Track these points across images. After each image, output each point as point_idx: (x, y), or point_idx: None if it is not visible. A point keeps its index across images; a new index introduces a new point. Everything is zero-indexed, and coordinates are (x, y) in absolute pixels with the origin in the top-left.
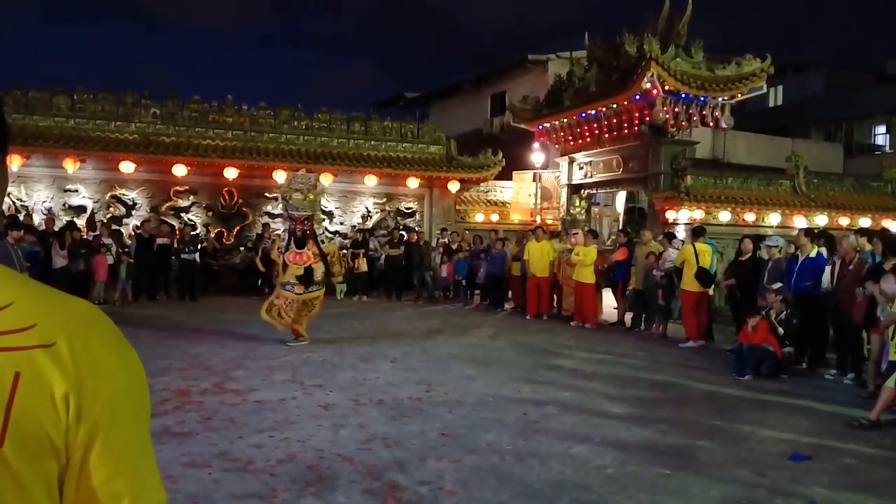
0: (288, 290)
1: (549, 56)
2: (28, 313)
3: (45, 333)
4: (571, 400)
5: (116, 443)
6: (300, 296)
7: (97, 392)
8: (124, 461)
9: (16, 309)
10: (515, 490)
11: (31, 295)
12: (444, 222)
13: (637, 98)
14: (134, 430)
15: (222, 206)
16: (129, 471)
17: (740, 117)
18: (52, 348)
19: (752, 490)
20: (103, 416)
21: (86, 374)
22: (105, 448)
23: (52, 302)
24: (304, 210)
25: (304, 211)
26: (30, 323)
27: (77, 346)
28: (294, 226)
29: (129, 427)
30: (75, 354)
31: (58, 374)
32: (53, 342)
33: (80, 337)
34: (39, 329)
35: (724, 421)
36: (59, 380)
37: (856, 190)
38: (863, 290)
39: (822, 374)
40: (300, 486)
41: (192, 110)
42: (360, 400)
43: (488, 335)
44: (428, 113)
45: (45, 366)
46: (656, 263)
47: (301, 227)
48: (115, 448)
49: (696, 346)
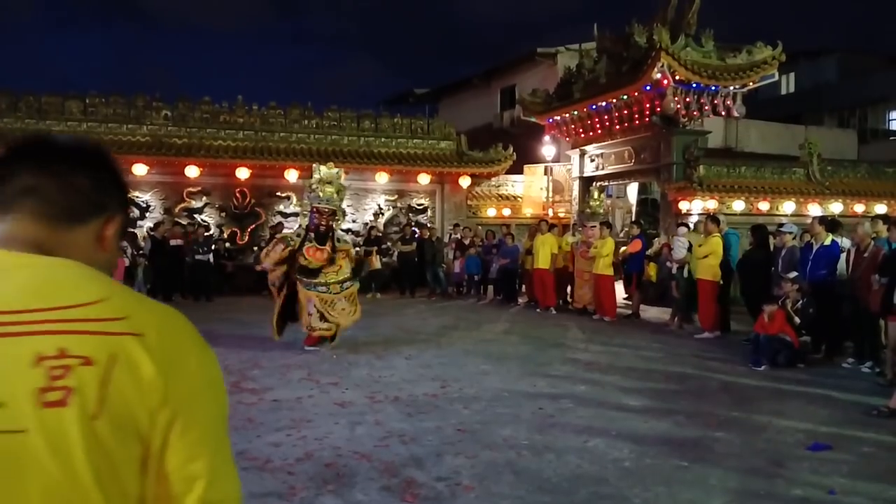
0: (321, 290)
1: (558, 48)
2: (121, 307)
3: (136, 325)
4: (587, 393)
5: (195, 430)
6: (337, 294)
7: (180, 381)
8: (201, 447)
9: (110, 303)
10: (533, 485)
11: (124, 295)
12: (456, 218)
13: (648, 89)
14: (212, 421)
15: (235, 207)
16: (206, 457)
17: (752, 105)
18: (143, 337)
19: (770, 481)
20: (184, 404)
21: (171, 363)
22: (184, 433)
23: (143, 303)
24: (333, 204)
25: (333, 205)
26: (123, 315)
27: (165, 339)
28: (319, 220)
29: (207, 417)
30: (163, 345)
31: (147, 360)
32: (143, 333)
33: (167, 333)
34: (131, 321)
35: (741, 412)
36: (148, 365)
37: (871, 176)
38: (878, 278)
39: (839, 363)
40: (318, 484)
41: (202, 111)
42: (376, 397)
43: (502, 330)
44: (437, 108)
45: (136, 352)
46: (669, 255)
47: (326, 221)
48: (193, 434)
49: (712, 336)
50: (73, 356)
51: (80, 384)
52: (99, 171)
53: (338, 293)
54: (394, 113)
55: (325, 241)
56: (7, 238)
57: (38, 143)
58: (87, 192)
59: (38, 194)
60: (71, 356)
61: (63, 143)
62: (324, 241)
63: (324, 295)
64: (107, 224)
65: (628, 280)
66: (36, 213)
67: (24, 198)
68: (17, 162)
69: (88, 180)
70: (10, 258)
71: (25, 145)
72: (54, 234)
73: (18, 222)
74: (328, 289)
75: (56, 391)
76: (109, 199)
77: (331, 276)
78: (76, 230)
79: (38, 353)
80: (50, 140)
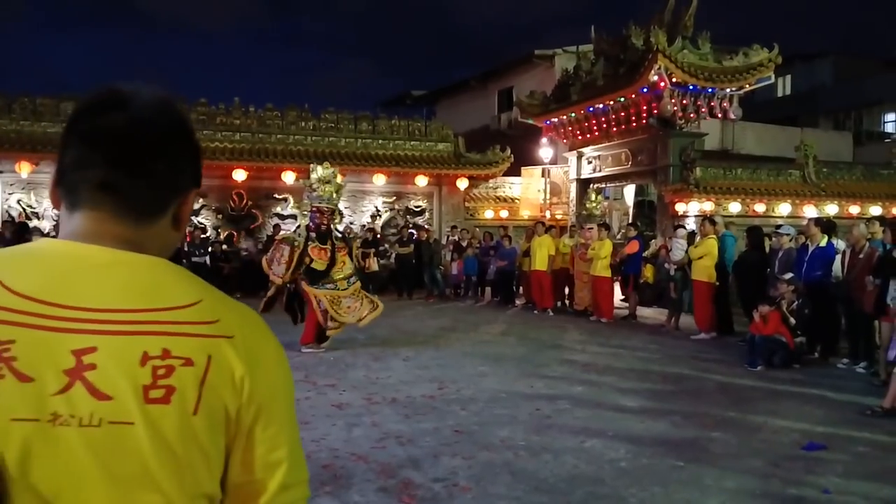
0: (329, 287)
1: (555, 51)
2: (213, 310)
3: (226, 327)
4: (584, 394)
5: (275, 421)
6: (345, 290)
7: (263, 378)
8: (282, 437)
9: (204, 305)
10: (530, 485)
11: (214, 296)
12: (454, 220)
13: (645, 91)
14: (287, 412)
15: (232, 209)
16: (286, 445)
17: (749, 108)
18: (233, 340)
19: (765, 480)
20: (266, 399)
21: (255, 363)
22: (267, 425)
23: (228, 304)
24: (333, 203)
25: (332, 203)
26: (216, 318)
27: (249, 340)
28: (319, 219)
29: (285, 409)
30: (248, 346)
31: (237, 361)
32: (233, 335)
33: (251, 333)
34: (222, 324)
35: (736, 412)
36: (238, 365)
37: (866, 178)
38: (872, 280)
39: (834, 364)
40: (315, 486)
41: (199, 113)
42: (374, 399)
43: (500, 331)
44: (435, 111)
45: (228, 353)
46: (667, 257)
47: (326, 220)
48: (274, 426)
49: (708, 338)
50: (175, 357)
51: (181, 384)
52: (177, 149)
53: (345, 289)
54: (391, 115)
55: (326, 240)
56: (92, 234)
57: (111, 125)
58: (167, 180)
59: (117, 193)
60: (174, 357)
61: (139, 121)
62: (325, 240)
63: (332, 292)
64: (183, 204)
65: (625, 281)
66: (118, 211)
67: (102, 194)
68: (88, 147)
69: (167, 166)
70: (104, 254)
71: (95, 127)
72: (139, 231)
73: (101, 222)
74: (336, 285)
75: (159, 389)
76: (185, 176)
77: (337, 273)
78: (158, 221)
79: (145, 352)
80: (124, 120)
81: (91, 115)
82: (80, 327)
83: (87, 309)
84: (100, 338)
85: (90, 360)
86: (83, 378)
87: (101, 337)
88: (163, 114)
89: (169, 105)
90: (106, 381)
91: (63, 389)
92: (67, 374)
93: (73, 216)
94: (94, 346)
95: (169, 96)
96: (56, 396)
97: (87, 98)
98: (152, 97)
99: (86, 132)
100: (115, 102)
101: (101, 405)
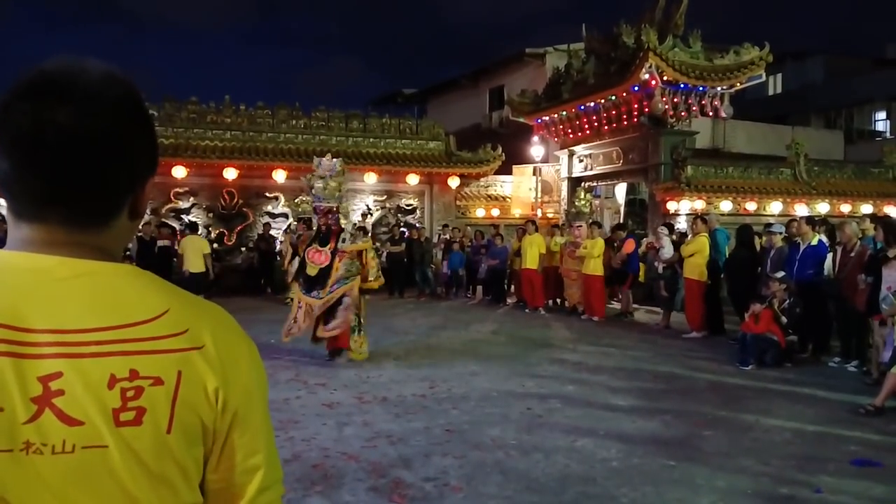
0: (314, 295)
1: (546, 49)
2: (181, 319)
3: (196, 337)
4: (575, 393)
5: (251, 426)
6: (320, 299)
7: (237, 385)
8: (259, 441)
9: (171, 316)
10: (521, 485)
11: (182, 301)
12: (445, 218)
13: (636, 89)
14: (263, 414)
15: (223, 207)
16: (263, 449)
17: (740, 106)
18: (203, 350)
19: (757, 479)
20: (241, 404)
21: (228, 370)
22: (243, 431)
23: (197, 307)
24: (328, 200)
25: (327, 201)
26: (184, 328)
27: (220, 346)
28: (319, 219)
29: (260, 412)
30: (220, 354)
31: (209, 372)
32: (203, 345)
33: (221, 338)
34: (191, 333)
35: (728, 411)
36: (210, 377)
37: (857, 177)
38: (864, 278)
39: (825, 362)
40: (306, 486)
41: (189, 111)
42: (365, 398)
43: (491, 330)
44: (426, 109)
45: (199, 365)
46: (656, 255)
47: (325, 220)
48: (250, 431)
49: (700, 336)
50: (144, 377)
51: (152, 404)
52: (134, 143)
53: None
54: (382, 113)
55: (326, 242)
56: (46, 243)
57: (52, 125)
58: (122, 182)
59: (66, 204)
60: (142, 377)
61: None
62: (326, 242)
63: (315, 301)
64: (140, 195)
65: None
66: (67, 222)
67: (49, 207)
68: (25, 155)
69: (122, 166)
70: (64, 267)
71: (32, 128)
72: (94, 235)
73: (52, 233)
74: (319, 294)
75: (129, 411)
76: (141, 166)
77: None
78: (115, 222)
79: (112, 374)
80: (67, 116)
81: (25, 109)
82: (45, 352)
83: (52, 331)
84: (65, 361)
85: (57, 385)
86: (52, 405)
87: (67, 361)
88: (115, 100)
89: (120, 85)
90: (75, 406)
91: (32, 418)
92: (35, 402)
93: (21, 225)
94: (60, 371)
95: (117, 72)
96: (27, 425)
97: (19, 82)
98: (100, 77)
99: (20, 134)
100: (55, 89)
101: (73, 431)
